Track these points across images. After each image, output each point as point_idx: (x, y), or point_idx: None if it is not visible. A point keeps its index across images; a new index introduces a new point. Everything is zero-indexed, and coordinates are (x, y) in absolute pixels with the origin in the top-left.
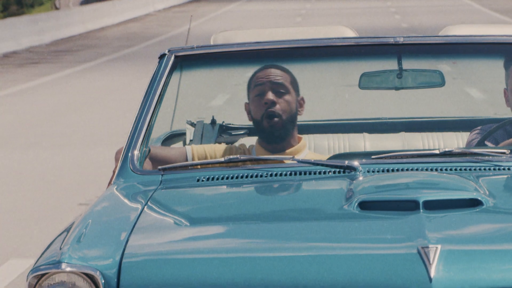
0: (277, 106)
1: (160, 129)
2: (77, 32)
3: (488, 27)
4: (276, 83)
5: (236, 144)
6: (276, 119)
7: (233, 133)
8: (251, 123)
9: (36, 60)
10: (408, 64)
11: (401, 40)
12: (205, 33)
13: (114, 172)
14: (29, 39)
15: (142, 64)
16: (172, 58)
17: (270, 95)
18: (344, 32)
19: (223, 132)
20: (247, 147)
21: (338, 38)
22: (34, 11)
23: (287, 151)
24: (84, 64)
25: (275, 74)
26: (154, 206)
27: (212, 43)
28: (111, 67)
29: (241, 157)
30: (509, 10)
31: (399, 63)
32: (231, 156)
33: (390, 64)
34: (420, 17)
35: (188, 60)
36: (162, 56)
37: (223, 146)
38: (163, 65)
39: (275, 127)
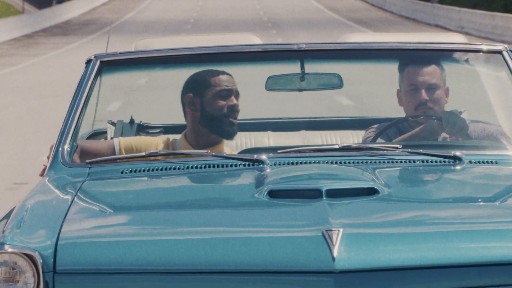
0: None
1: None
2: (90, 8)
3: (383, 35)
4: (228, 90)
5: (161, 137)
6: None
7: (150, 132)
8: (167, 122)
9: (91, 22)
10: (311, 68)
11: (303, 46)
12: (143, 20)
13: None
14: (77, 11)
15: (138, 23)
16: (98, 63)
17: (234, 100)
18: (252, 39)
19: (141, 130)
20: (171, 140)
21: (248, 45)
22: None
23: (212, 148)
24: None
25: (228, 81)
26: (83, 196)
27: (133, 49)
28: (130, 23)
29: (161, 152)
30: (334, 6)
31: (302, 67)
32: (152, 151)
33: (296, 69)
34: (276, 12)
35: (112, 65)
36: (88, 61)
37: (148, 139)
38: (89, 69)
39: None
